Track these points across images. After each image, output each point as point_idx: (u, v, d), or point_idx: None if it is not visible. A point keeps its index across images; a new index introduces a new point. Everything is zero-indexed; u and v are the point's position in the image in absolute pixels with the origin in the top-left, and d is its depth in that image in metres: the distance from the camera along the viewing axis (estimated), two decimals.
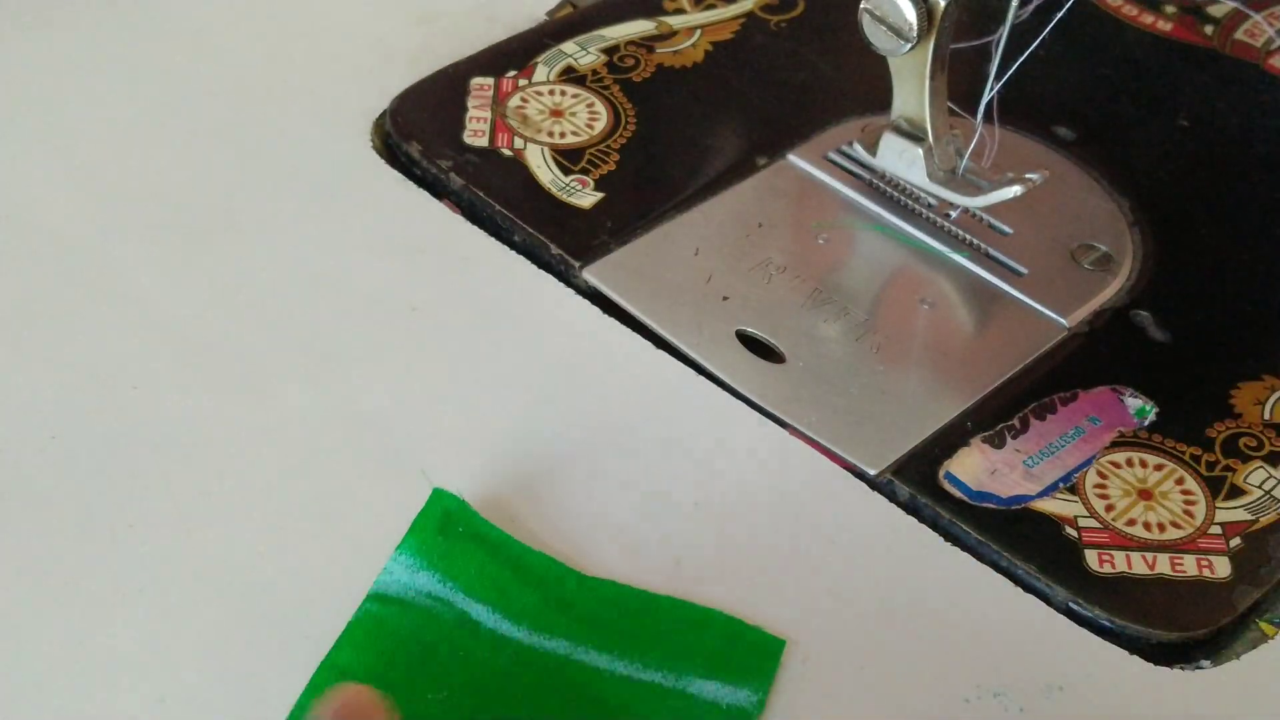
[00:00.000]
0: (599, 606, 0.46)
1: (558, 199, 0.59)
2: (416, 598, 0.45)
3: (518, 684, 0.44)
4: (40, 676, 0.44)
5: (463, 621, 0.45)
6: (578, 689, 0.45)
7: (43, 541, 0.47)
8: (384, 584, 0.46)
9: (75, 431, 0.50)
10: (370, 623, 0.45)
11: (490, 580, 0.46)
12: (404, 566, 0.46)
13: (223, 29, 0.66)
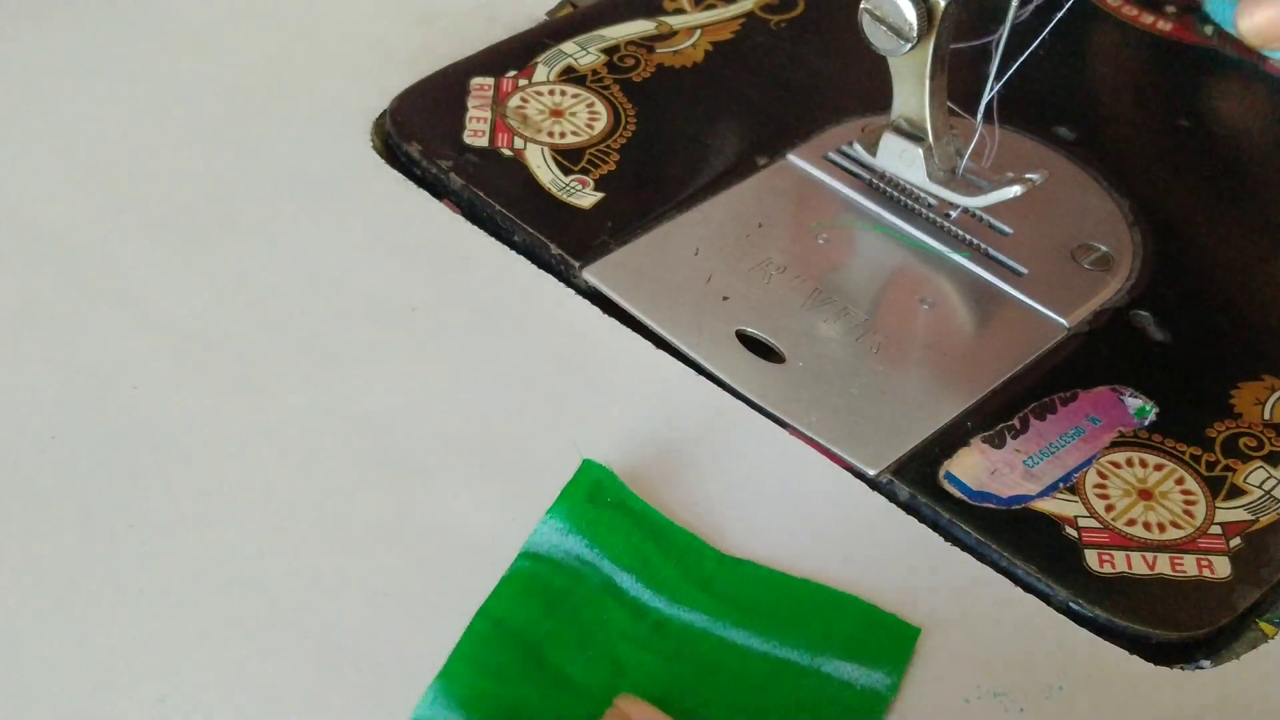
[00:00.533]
0: (737, 585, 0.47)
1: (558, 199, 0.59)
2: (565, 559, 0.47)
3: (656, 653, 0.45)
4: (40, 676, 0.44)
5: (607, 586, 0.47)
6: (714, 662, 0.45)
7: (43, 541, 0.47)
8: (535, 544, 0.47)
9: (75, 431, 0.50)
10: (524, 577, 0.46)
11: (634, 550, 0.47)
12: (554, 529, 0.47)
13: (223, 29, 0.66)
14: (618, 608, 0.46)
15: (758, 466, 0.51)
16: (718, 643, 0.46)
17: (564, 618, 0.46)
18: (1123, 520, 0.50)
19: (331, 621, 0.45)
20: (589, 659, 0.45)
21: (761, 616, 0.46)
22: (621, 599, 0.46)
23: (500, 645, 0.45)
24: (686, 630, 0.46)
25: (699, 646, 0.46)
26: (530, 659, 0.45)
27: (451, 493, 0.49)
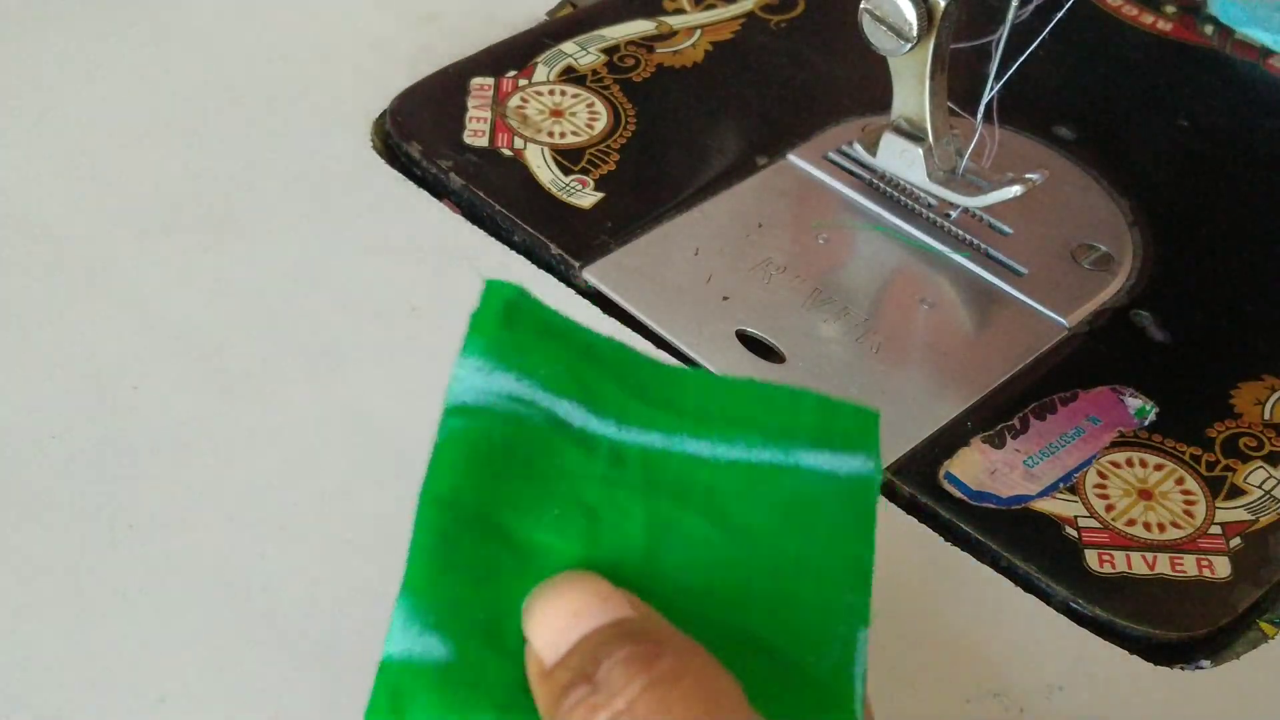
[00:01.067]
0: (680, 392, 0.40)
1: (558, 199, 0.59)
2: (498, 402, 0.39)
3: (624, 487, 0.39)
4: (40, 676, 0.44)
5: (551, 422, 0.39)
6: (686, 483, 0.39)
7: (43, 541, 0.47)
8: (459, 393, 0.39)
9: (75, 431, 0.50)
10: (459, 441, 0.38)
11: (569, 371, 0.40)
12: (475, 369, 0.40)
13: (223, 29, 0.66)
14: (570, 446, 0.39)
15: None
16: (683, 460, 0.39)
17: (517, 474, 0.38)
18: (1123, 520, 0.50)
19: (331, 621, 0.45)
20: (558, 517, 0.38)
21: (717, 421, 0.40)
22: (569, 434, 0.39)
23: (458, 532, 0.38)
24: (646, 455, 0.39)
25: (665, 470, 0.39)
26: (495, 539, 0.38)
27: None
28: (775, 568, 0.38)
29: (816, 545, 0.39)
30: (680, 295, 0.56)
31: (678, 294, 0.56)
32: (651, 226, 0.59)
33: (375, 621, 0.46)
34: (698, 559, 0.38)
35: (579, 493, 0.38)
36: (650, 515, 0.38)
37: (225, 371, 0.52)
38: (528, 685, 0.34)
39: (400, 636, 0.36)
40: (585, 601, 0.35)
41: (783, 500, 0.39)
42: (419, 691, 0.35)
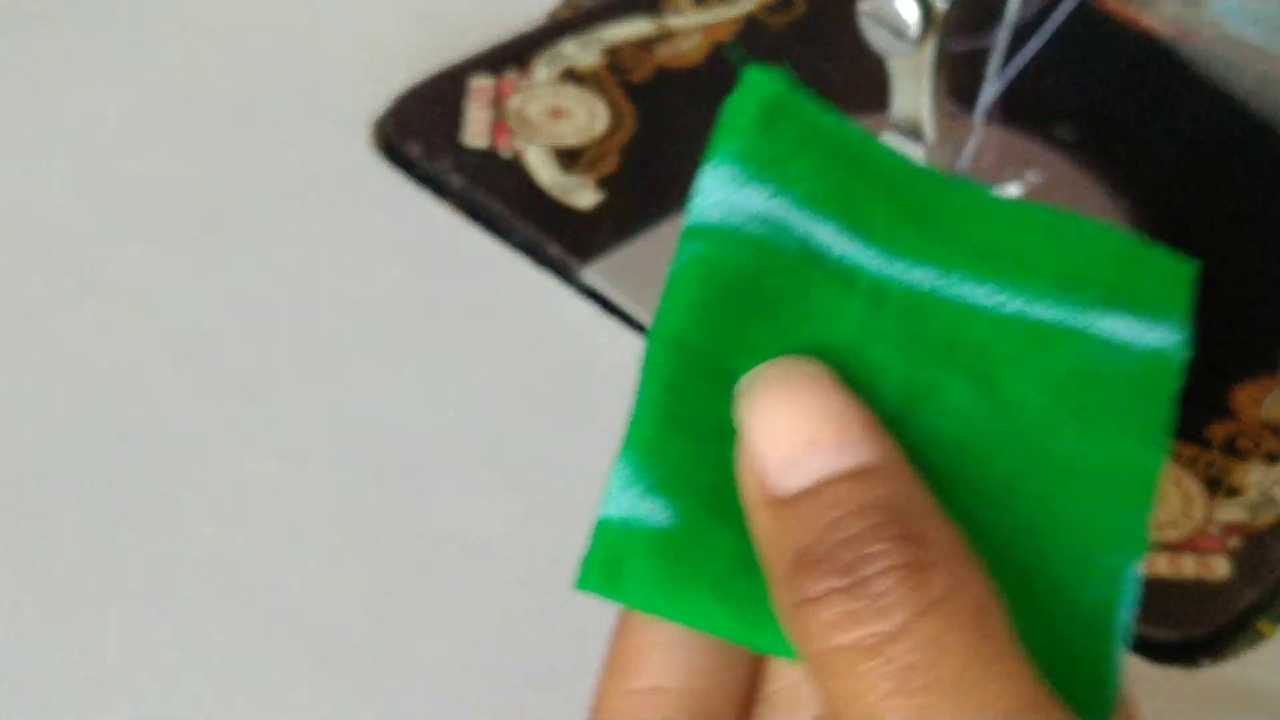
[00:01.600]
0: (963, 218, 0.34)
1: (558, 199, 0.59)
2: (747, 223, 0.33)
3: (880, 342, 0.32)
4: (40, 676, 0.44)
5: (805, 253, 0.33)
6: (954, 337, 0.32)
7: (43, 541, 0.47)
8: (703, 209, 0.34)
9: (75, 431, 0.50)
10: (698, 269, 0.32)
11: (834, 189, 0.33)
12: (725, 180, 0.34)
13: (222, 28, 0.66)
14: (824, 283, 0.32)
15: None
16: (955, 308, 0.32)
17: (761, 315, 0.32)
18: None
19: (331, 621, 0.45)
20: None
21: (1000, 259, 0.33)
22: (824, 268, 0.32)
23: (689, 381, 0.32)
24: (912, 297, 0.32)
25: (933, 318, 0.32)
26: (728, 391, 0.31)
27: (451, 493, 0.49)
28: (1044, 460, 0.32)
29: (1096, 439, 0.32)
30: None
31: None
32: (651, 226, 0.59)
33: (375, 621, 0.46)
34: (956, 436, 0.32)
35: (828, 342, 0.32)
36: (909, 375, 0.32)
37: (225, 372, 0.52)
38: (750, 559, 0.30)
39: (621, 497, 0.31)
40: (822, 428, 0.29)
41: (1064, 373, 0.32)
42: (638, 558, 0.31)
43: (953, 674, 0.26)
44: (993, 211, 0.34)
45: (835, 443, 0.29)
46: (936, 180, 0.34)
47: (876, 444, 0.29)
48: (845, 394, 0.30)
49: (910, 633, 0.27)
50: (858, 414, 0.30)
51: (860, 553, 0.27)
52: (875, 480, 0.28)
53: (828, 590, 0.27)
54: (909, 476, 0.29)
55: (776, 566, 0.28)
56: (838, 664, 0.27)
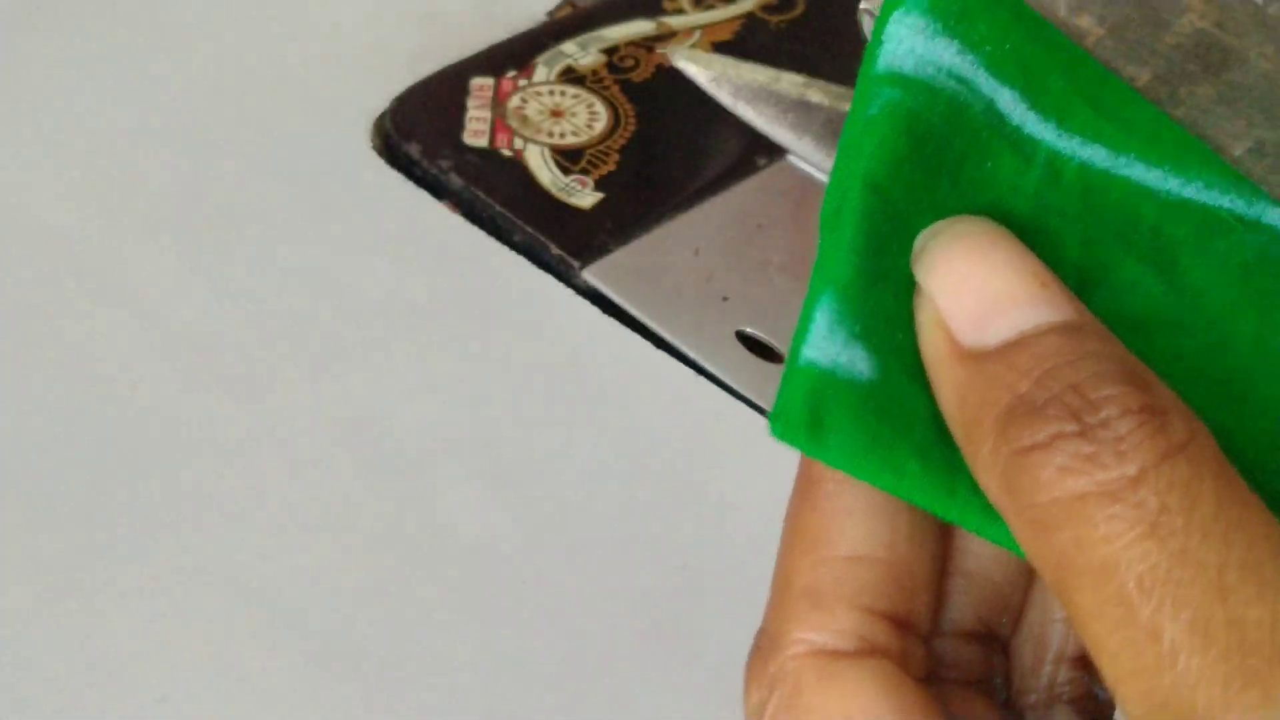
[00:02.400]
0: (1132, 106, 0.32)
1: (558, 199, 0.59)
2: (938, 77, 0.31)
3: (1055, 215, 0.31)
4: (40, 676, 0.44)
5: (990, 117, 0.32)
6: (1128, 216, 0.31)
7: (43, 541, 0.47)
8: (895, 55, 0.31)
9: (75, 431, 0.50)
10: (897, 117, 0.31)
11: (1015, 54, 0.32)
12: (915, 30, 0.32)
13: (222, 28, 0.66)
14: (1005, 152, 0.31)
15: (759, 467, 0.51)
16: (1127, 188, 0.32)
17: (947, 173, 0.31)
18: None
19: (331, 621, 0.45)
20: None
21: (1176, 148, 0.33)
22: (1006, 134, 0.31)
23: (890, 230, 0.30)
24: (1086, 174, 0.31)
25: (1106, 195, 0.32)
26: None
27: (451, 493, 0.49)
28: (1224, 348, 0.31)
29: (1275, 332, 0.31)
30: (680, 295, 0.56)
31: (678, 294, 0.56)
32: (651, 226, 0.59)
33: (375, 621, 0.46)
34: (1137, 314, 0.31)
35: (1008, 209, 0.31)
36: (1086, 252, 0.31)
37: (225, 371, 0.52)
38: (943, 424, 0.28)
39: (825, 341, 0.29)
40: (1021, 281, 0.27)
41: (1240, 262, 0.31)
42: (841, 408, 0.29)
43: (1208, 517, 0.24)
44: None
45: (1037, 296, 0.27)
46: (1106, 73, 0.32)
47: (1079, 304, 0.27)
48: (1034, 256, 0.28)
49: (1159, 475, 0.25)
50: (1054, 274, 0.28)
51: (1091, 396, 0.25)
52: (1086, 335, 0.27)
53: (1055, 435, 0.25)
54: (1115, 339, 0.27)
55: (982, 419, 0.26)
56: (1070, 513, 0.25)
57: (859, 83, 0.31)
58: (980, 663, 0.31)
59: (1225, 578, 0.24)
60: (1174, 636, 0.24)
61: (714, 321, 0.55)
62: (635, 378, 0.53)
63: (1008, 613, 0.31)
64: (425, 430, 0.51)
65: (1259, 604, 0.24)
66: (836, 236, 0.29)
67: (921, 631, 0.30)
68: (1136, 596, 0.24)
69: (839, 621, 0.29)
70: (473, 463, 0.50)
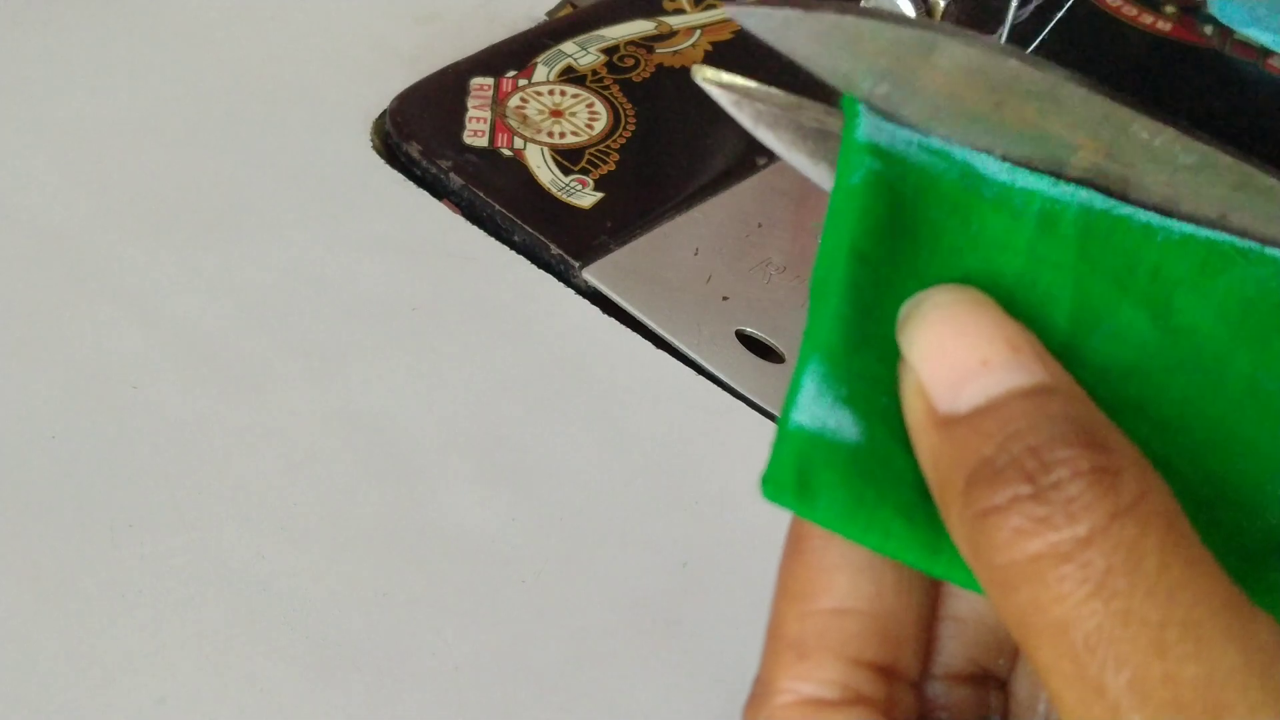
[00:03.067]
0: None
1: (558, 199, 0.59)
2: (910, 151, 0.32)
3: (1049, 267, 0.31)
4: (40, 676, 0.44)
5: (966, 182, 0.32)
6: (1127, 258, 0.31)
7: (43, 541, 0.47)
8: (872, 129, 0.32)
9: (75, 431, 0.50)
10: (878, 188, 0.32)
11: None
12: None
13: (222, 28, 0.66)
14: (990, 213, 0.31)
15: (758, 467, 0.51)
16: (1128, 228, 0.32)
17: (928, 248, 0.31)
18: None
19: (331, 621, 0.45)
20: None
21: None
22: (990, 195, 0.32)
23: (874, 295, 0.31)
24: (1086, 217, 0.31)
25: (1106, 238, 0.31)
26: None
27: (451, 493, 0.49)
28: (1219, 387, 0.31)
29: (1272, 368, 0.31)
30: (680, 295, 0.56)
31: (677, 294, 0.56)
32: (651, 226, 0.59)
33: (375, 621, 0.46)
34: (1128, 362, 0.31)
35: (996, 271, 0.31)
36: (1080, 301, 0.31)
37: (225, 371, 0.52)
38: (924, 485, 0.29)
39: (813, 405, 0.30)
40: (993, 348, 0.29)
41: (1241, 297, 0.32)
42: (829, 471, 0.30)
43: (1153, 576, 0.25)
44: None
45: (1008, 361, 0.28)
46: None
47: (1050, 365, 0.29)
48: (1013, 319, 0.30)
49: (1106, 536, 0.26)
50: (1028, 337, 0.29)
51: (1046, 459, 0.26)
52: (1053, 398, 0.28)
53: (1012, 498, 0.26)
54: (1084, 397, 0.28)
55: (953, 481, 0.28)
56: (1025, 574, 0.26)
57: (842, 149, 0.33)
58: (974, 704, 0.32)
59: (1166, 636, 0.25)
60: (1116, 693, 0.25)
61: (714, 321, 0.55)
62: (635, 378, 0.53)
63: (1004, 654, 0.32)
64: (425, 429, 0.51)
65: (1195, 662, 0.25)
66: (824, 304, 0.30)
67: (910, 678, 0.31)
68: (1084, 654, 0.25)
69: (824, 671, 0.30)
70: (473, 462, 0.50)
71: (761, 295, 0.56)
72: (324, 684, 0.44)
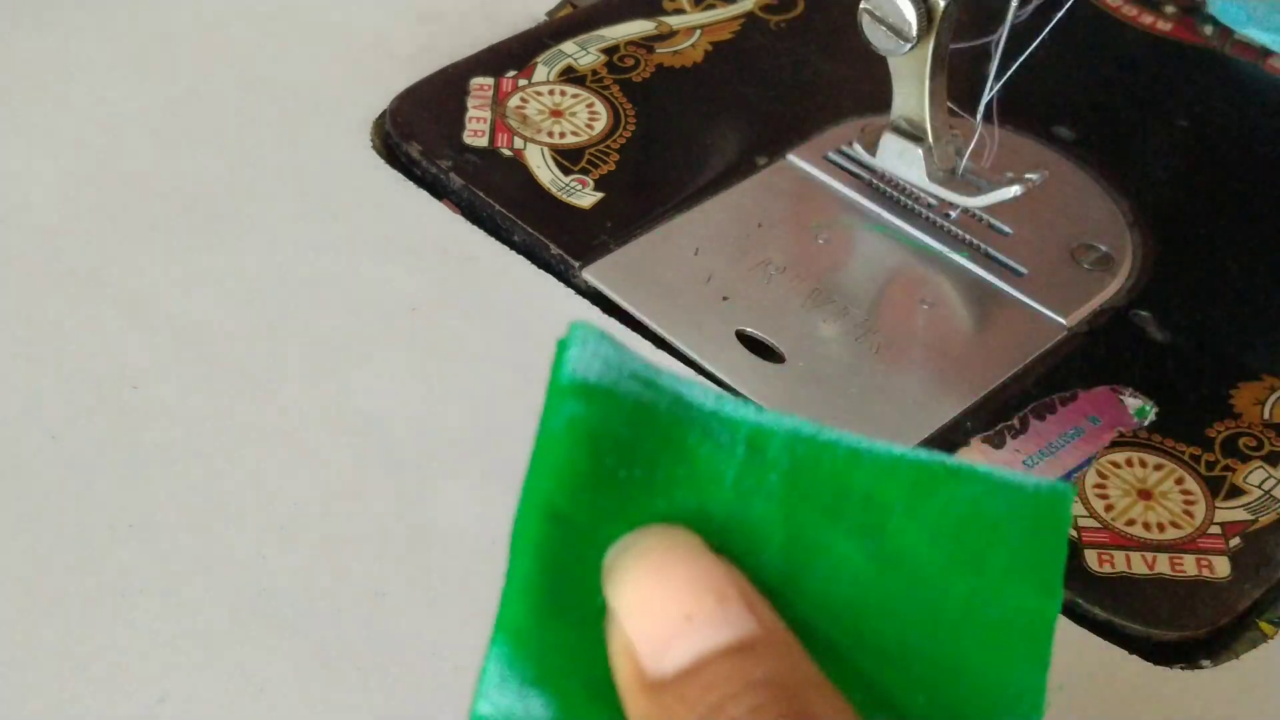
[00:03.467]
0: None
1: (558, 199, 0.59)
2: (621, 381, 0.31)
3: (759, 499, 0.30)
4: (40, 677, 0.44)
5: (677, 412, 0.31)
6: (837, 485, 0.30)
7: (43, 541, 0.47)
8: (579, 363, 0.31)
9: (75, 431, 0.50)
10: (577, 434, 0.30)
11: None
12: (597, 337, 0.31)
13: (222, 28, 0.66)
14: (700, 444, 0.30)
15: None
16: (837, 454, 0.31)
17: (639, 486, 0.30)
18: (1122, 520, 0.50)
19: (331, 621, 0.45)
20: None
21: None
22: (701, 425, 0.31)
23: (568, 557, 0.29)
24: (794, 444, 0.30)
25: (815, 465, 0.30)
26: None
27: (451, 493, 0.49)
28: (938, 616, 0.31)
29: (991, 589, 0.31)
30: (680, 295, 0.56)
31: (677, 294, 0.56)
32: (651, 226, 0.59)
33: (375, 621, 0.46)
34: (846, 596, 0.30)
35: (707, 506, 0.30)
36: (793, 533, 0.30)
37: (225, 371, 0.52)
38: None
39: (497, 693, 0.29)
40: (698, 601, 0.27)
41: (954, 519, 0.31)
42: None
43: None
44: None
45: (713, 616, 0.27)
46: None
47: (757, 615, 0.27)
48: (720, 562, 0.28)
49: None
50: (735, 583, 0.28)
51: (731, 713, 0.25)
52: (757, 655, 0.27)
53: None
54: (794, 647, 0.27)
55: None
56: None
57: (548, 390, 0.31)
58: None
59: None
60: None
61: (714, 321, 0.55)
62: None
63: None
64: (425, 429, 0.51)
65: None
66: (515, 573, 0.29)
67: None
68: None
69: None
70: (473, 462, 0.50)
71: (761, 295, 0.56)
72: (324, 684, 0.44)
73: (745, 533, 0.30)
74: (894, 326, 0.56)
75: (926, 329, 0.56)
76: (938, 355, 0.55)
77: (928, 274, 0.58)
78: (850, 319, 0.56)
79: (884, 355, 0.54)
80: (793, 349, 0.54)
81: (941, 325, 0.56)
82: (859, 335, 0.55)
